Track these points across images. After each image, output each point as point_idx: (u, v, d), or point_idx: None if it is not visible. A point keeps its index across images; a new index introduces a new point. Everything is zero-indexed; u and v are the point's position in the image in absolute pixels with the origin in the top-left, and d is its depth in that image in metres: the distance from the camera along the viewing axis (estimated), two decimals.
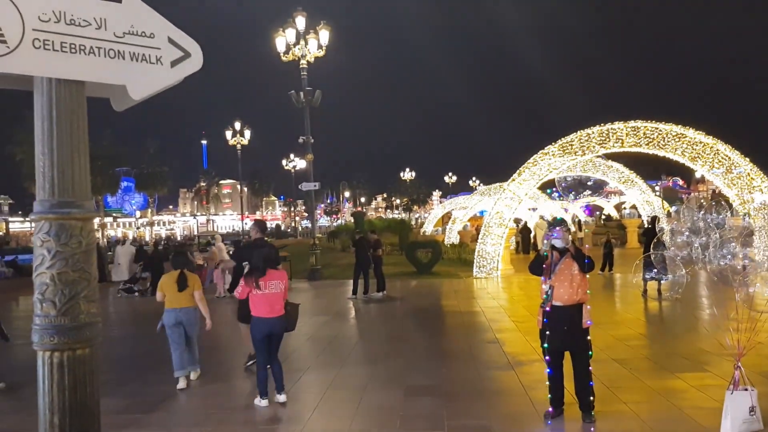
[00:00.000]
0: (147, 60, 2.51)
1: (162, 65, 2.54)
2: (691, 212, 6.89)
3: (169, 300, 8.46)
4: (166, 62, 2.55)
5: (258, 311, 7.44)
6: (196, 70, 2.61)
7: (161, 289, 8.55)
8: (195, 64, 2.62)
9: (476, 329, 12.05)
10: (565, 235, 6.36)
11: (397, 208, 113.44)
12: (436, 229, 44.59)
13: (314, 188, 24.29)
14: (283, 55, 23.76)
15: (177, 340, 8.48)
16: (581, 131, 20.40)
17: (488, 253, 20.90)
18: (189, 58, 2.59)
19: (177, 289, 8.42)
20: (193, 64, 2.61)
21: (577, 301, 6.28)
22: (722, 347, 7.35)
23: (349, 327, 13.35)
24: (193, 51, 2.60)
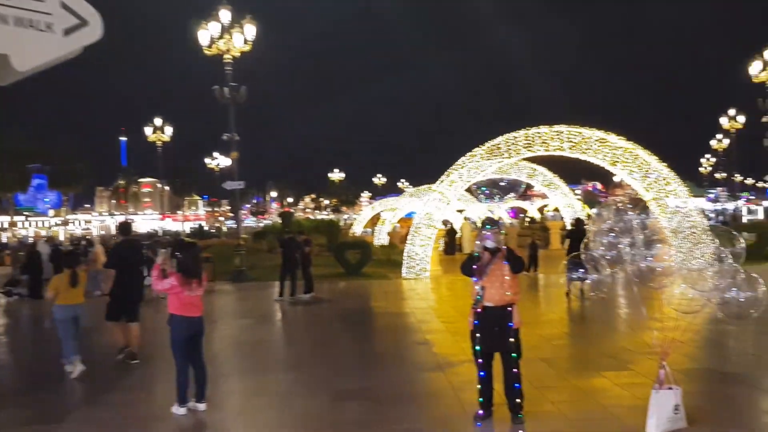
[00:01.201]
0: (35, 27, 2.16)
1: (53, 33, 2.20)
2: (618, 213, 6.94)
3: (63, 297, 8.94)
4: (58, 30, 2.21)
5: (183, 310, 7.12)
6: (95, 40, 2.29)
7: (54, 287, 9.03)
8: (93, 34, 2.29)
9: (406, 331, 11.93)
10: (497, 236, 6.28)
11: (325, 208, 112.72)
12: (365, 230, 44.49)
13: (239, 187, 23.68)
14: (206, 49, 23.04)
15: (70, 333, 8.94)
16: (508, 135, 20.68)
17: (417, 254, 20.89)
18: (86, 26, 2.26)
19: (70, 285, 8.95)
20: (92, 34, 2.29)
21: (508, 302, 6.21)
22: (645, 346, 7.49)
23: (274, 330, 12.97)
24: (91, 19, 2.27)
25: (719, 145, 54.50)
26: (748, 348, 9.54)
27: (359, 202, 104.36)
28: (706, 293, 5.50)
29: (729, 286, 5.40)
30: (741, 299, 5.41)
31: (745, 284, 5.40)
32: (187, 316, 7.16)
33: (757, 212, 55.24)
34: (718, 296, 5.44)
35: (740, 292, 5.39)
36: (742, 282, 5.42)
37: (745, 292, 5.40)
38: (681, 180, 19.53)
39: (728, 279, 5.42)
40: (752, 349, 9.40)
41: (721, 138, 53.03)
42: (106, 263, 10.08)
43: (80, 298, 9.18)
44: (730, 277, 5.42)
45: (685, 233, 15.68)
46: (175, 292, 7.13)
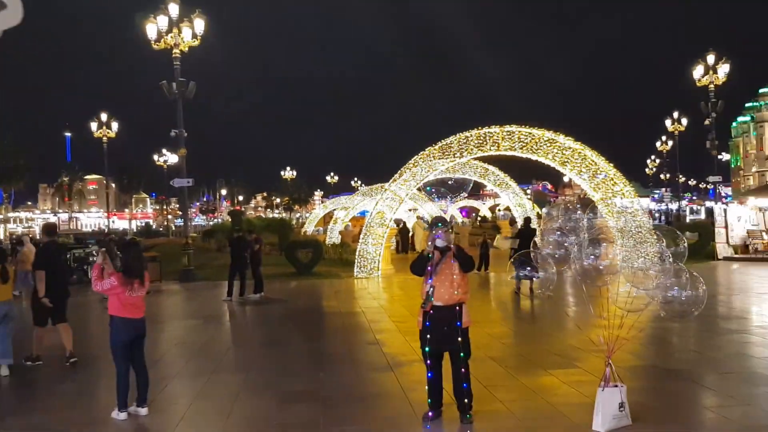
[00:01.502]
0: None
1: None
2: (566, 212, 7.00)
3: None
4: None
5: (124, 312, 6.91)
6: (14, 24, 2.11)
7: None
8: (12, 18, 2.12)
9: (356, 330, 11.84)
10: (447, 235, 6.25)
11: (277, 207, 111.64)
12: (317, 229, 44.18)
13: (187, 185, 23.15)
14: (154, 44, 22.48)
15: (1, 332, 8.78)
16: (460, 134, 20.81)
17: (369, 252, 20.82)
18: (4, 9, 2.09)
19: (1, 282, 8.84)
20: (10, 17, 2.12)
21: (457, 301, 6.19)
22: (592, 344, 7.57)
23: (222, 331, 12.69)
24: (9, 2, 2.10)
25: (664, 146, 56.06)
26: (691, 345, 9.79)
27: (312, 201, 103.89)
28: (650, 292, 5.58)
29: (671, 285, 5.49)
30: (683, 298, 5.51)
31: (687, 283, 5.49)
32: (128, 318, 6.95)
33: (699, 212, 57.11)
34: (660, 295, 5.52)
35: (682, 291, 5.49)
36: (684, 281, 5.51)
37: (686, 291, 5.49)
38: (627, 180, 19.99)
39: (671, 278, 5.51)
40: (695, 346, 9.65)
41: (665, 140, 54.57)
42: (33, 264, 9.83)
43: (8, 295, 9.10)
44: (673, 276, 5.51)
45: (630, 233, 16.04)
46: (115, 293, 6.90)
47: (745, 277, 18.50)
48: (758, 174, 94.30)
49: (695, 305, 5.49)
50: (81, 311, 14.16)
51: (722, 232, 22.85)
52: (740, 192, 61.72)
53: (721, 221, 23.18)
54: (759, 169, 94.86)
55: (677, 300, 5.54)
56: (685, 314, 5.71)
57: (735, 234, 22.96)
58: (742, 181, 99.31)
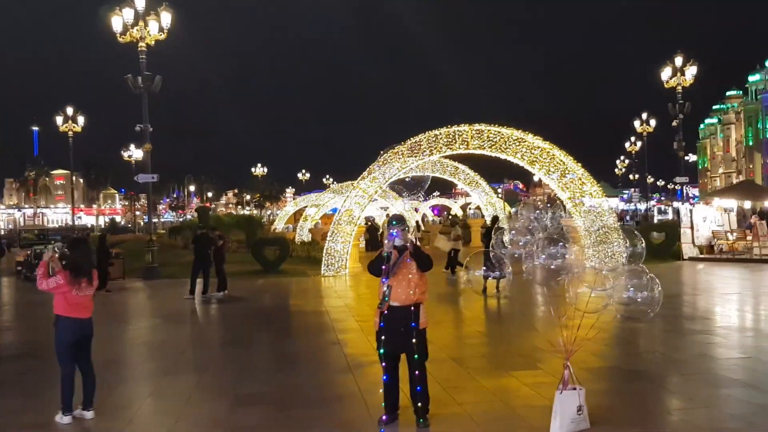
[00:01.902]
0: None
1: None
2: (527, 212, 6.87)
3: None
4: None
5: (71, 311, 6.62)
6: None
7: None
8: None
9: (319, 330, 11.60)
10: (404, 234, 6.07)
11: (248, 204, 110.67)
12: (287, 227, 43.77)
13: (152, 180, 22.69)
14: (119, 36, 21.96)
15: None
16: (429, 132, 20.66)
17: (337, 251, 20.58)
18: None
19: None
20: None
21: (415, 301, 6.01)
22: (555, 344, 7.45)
23: (181, 330, 12.35)
24: None
25: (633, 147, 56.71)
26: (654, 346, 9.74)
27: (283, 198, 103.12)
28: (607, 292, 5.47)
29: (627, 286, 5.38)
30: (638, 299, 5.40)
31: (643, 284, 5.38)
32: (74, 318, 6.67)
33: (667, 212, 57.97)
34: (617, 296, 5.40)
35: (638, 293, 5.38)
36: (639, 282, 5.40)
37: (642, 293, 5.38)
38: (596, 180, 20.03)
39: (627, 279, 5.40)
40: (658, 347, 9.59)
41: (634, 141, 55.21)
42: None
43: None
44: (629, 277, 5.41)
45: (597, 233, 16.05)
46: (61, 292, 6.61)
47: (709, 277, 18.67)
48: (724, 175, 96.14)
49: (651, 306, 5.38)
50: (39, 310, 13.73)
51: (688, 232, 23.07)
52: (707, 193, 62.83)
53: (687, 222, 23.41)
54: (725, 171, 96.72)
55: (632, 301, 5.43)
56: (640, 316, 5.60)
57: (700, 234, 23.19)
58: (709, 182, 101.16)
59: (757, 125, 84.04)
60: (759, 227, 22.06)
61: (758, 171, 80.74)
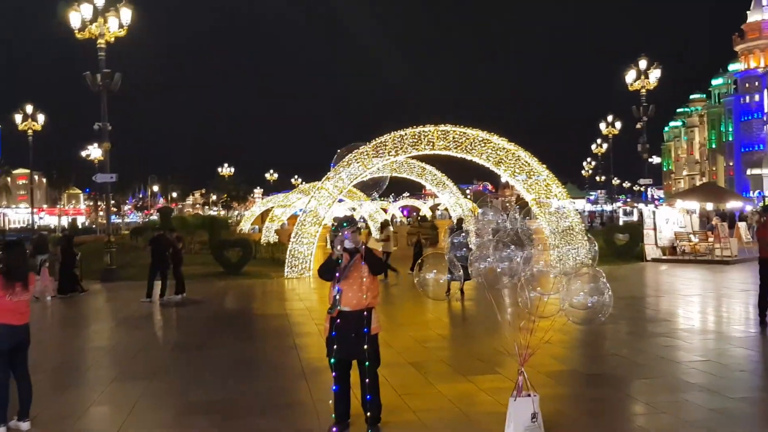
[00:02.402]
0: None
1: None
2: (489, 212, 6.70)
3: None
4: None
5: (5, 318, 6.23)
6: None
7: None
8: None
9: (277, 334, 11.31)
10: (355, 236, 5.82)
11: (215, 204, 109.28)
12: (253, 228, 43.26)
13: (111, 180, 22.10)
14: (77, 33, 21.38)
15: None
16: (395, 132, 20.48)
17: (301, 252, 20.27)
18: None
19: None
20: None
21: (366, 306, 5.78)
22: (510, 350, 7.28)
23: (134, 334, 11.91)
24: None
25: (599, 149, 57.34)
26: (616, 348, 9.60)
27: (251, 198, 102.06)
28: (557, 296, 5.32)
29: (578, 290, 5.22)
30: (588, 304, 5.25)
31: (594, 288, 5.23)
32: (8, 324, 6.28)
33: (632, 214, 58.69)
34: (569, 299, 5.24)
35: (588, 297, 5.22)
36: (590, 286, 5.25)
37: (593, 297, 5.23)
38: (563, 182, 20.09)
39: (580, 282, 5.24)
40: (620, 350, 9.46)
41: (600, 143, 55.83)
42: None
43: None
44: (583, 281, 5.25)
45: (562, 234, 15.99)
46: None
47: (671, 278, 18.79)
48: (688, 177, 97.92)
49: (601, 311, 5.23)
50: None
51: (651, 234, 23.25)
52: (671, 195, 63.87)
53: (650, 223, 23.60)
54: (689, 173, 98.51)
55: (583, 305, 5.28)
56: (591, 320, 5.46)
57: (663, 236, 23.40)
58: (673, 184, 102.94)
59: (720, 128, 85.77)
60: (720, 229, 22.33)
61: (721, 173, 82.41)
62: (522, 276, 5.32)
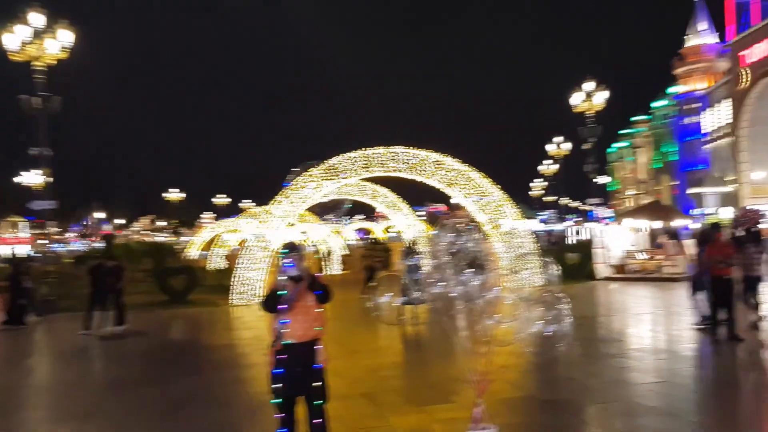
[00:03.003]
0: None
1: None
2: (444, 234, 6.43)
3: None
4: None
5: None
6: None
7: None
8: None
9: (223, 367, 10.74)
10: (300, 262, 5.44)
11: (163, 230, 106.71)
12: (202, 254, 42.16)
13: (50, 207, 21.19)
14: (13, 54, 20.57)
15: None
16: (345, 154, 20.21)
17: (248, 278, 19.66)
18: None
19: None
20: None
21: (314, 337, 5.40)
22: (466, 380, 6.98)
23: (69, 371, 11.17)
24: None
25: (547, 170, 58.36)
26: (571, 371, 9.37)
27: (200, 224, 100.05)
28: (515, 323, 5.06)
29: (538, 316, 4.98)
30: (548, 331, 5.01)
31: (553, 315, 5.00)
32: None
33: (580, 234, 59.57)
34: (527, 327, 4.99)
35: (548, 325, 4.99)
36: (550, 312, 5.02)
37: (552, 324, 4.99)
38: (514, 203, 20.07)
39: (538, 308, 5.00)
40: (576, 373, 9.26)
41: (550, 163, 56.83)
42: None
43: None
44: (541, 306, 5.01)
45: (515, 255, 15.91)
46: None
47: (622, 297, 18.89)
48: (634, 197, 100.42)
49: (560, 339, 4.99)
50: None
51: (600, 252, 23.46)
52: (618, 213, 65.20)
53: (600, 242, 23.83)
54: (637, 192, 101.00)
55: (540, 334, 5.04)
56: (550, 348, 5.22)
57: (613, 254, 23.63)
58: (621, 204, 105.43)
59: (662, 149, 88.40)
60: (668, 247, 22.68)
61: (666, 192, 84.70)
62: (478, 301, 5.04)
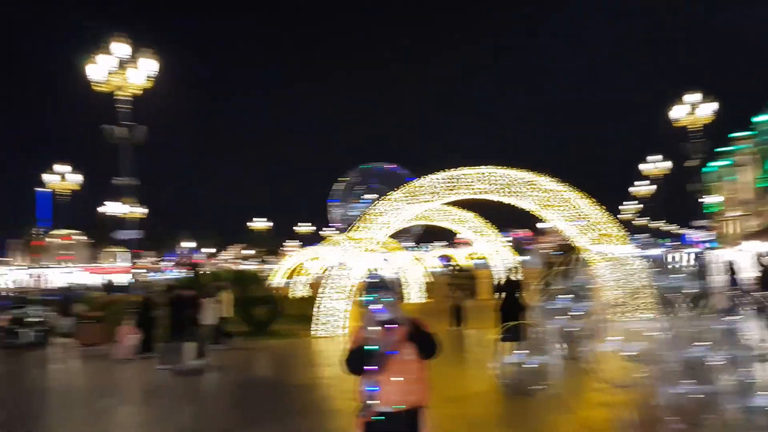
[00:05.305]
0: None
1: None
2: None
3: None
4: None
5: None
6: None
7: None
8: None
9: (304, 412, 9.61)
10: (394, 306, 4.14)
11: (248, 259, 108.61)
12: (285, 281, 41.85)
13: (135, 237, 21.04)
14: (97, 85, 20.68)
15: None
16: (428, 176, 18.99)
17: (331, 309, 18.64)
18: None
19: None
20: None
21: (414, 404, 4.11)
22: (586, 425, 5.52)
23: (130, 415, 10.32)
24: None
25: (639, 192, 55.07)
26: None
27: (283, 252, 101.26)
28: None
29: None
30: None
31: None
32: None
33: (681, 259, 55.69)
34: None
35: None
36: None
37: None
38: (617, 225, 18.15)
39: None
40: None
41: (646, 183, 53.68)
42: None
43: None
44: None
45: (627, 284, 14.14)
46: None
47: None
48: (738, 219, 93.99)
49: None
50: None
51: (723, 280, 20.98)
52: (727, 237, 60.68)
53: (719, 268, 21.36)
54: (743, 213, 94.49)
55: None
56: None
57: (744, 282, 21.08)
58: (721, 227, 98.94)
59: None
60: None
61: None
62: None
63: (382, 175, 47.79)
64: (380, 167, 47.74)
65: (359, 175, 48.81)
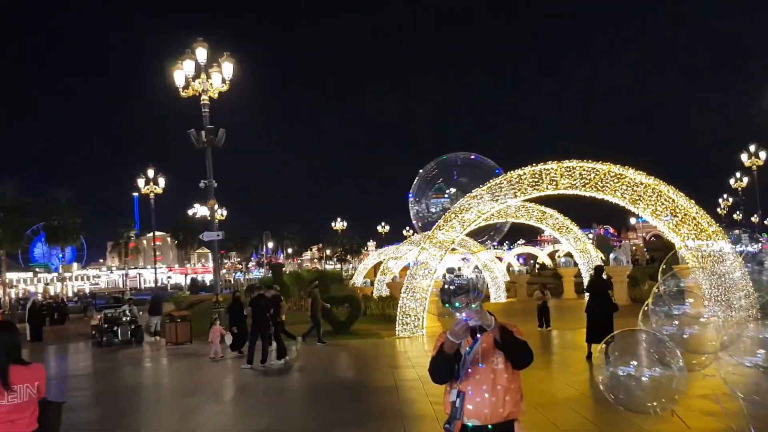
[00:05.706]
0: None
1: None
2: None
3: None
4: None
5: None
6: None
7: None
8: None
9: (382, 417, 9.35)
10: (481, 312, 3.73)
11: (330, 258, 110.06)
12: (365, 281, 41.98)
13: (217, 238, 21.42)
14: (182, 91, 21.16)
15: None
16: (511, 172, 18.38)
17: (412, 308, 18.37)
18: None
19: None
20: None
21: (506, 418, 3.74)
22: None
23: (214, 414, 10.39)
24: None
25: (738, 183, 51.83)
26: None
27: (365, 251, 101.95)
28: None
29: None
30: None
31: None
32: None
33: None
34: None
35: None
36: None
37: None
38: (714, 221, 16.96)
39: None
40: None
41: (740, 176, 50.53)
42: None
43: None
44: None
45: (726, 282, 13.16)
46: None
47: None
48: None
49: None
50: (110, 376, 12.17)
51: None
52: None
53: None
54: None
55: None
56: None
57: None
58: None
59: None
60: None
61: None
62: None
63: (463, 167, 46.65)
64: (460, 157, 46.54)
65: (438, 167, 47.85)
